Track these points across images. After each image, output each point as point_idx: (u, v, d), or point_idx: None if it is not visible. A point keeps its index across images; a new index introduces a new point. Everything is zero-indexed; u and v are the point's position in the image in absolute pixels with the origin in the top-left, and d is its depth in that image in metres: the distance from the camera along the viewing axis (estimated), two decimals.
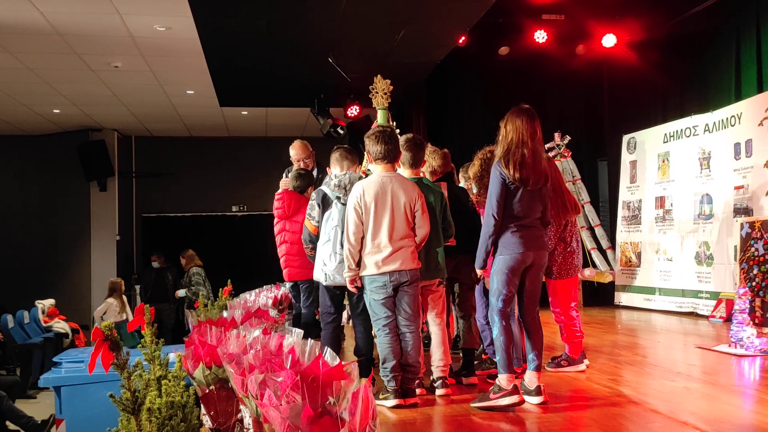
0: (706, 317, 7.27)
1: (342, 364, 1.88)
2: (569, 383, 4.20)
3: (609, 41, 9.05)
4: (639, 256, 8.77)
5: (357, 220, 3.73)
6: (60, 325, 10.49)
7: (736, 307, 5.27)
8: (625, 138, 9.22)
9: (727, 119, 7.44)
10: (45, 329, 10.20)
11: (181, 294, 11.26)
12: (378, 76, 6.18)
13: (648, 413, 3.45)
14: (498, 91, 9.66)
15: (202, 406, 2.68)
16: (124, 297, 11.28)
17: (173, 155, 13.64)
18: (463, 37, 8.74)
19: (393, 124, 6.07)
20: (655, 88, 9.22)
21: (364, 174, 4.74)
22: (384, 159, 3.83)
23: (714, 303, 7.22)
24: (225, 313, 3.69)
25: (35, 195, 12.90)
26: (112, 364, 2.08)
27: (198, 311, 3.93)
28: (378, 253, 3.70)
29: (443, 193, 4.13)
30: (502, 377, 3.55)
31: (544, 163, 3.70)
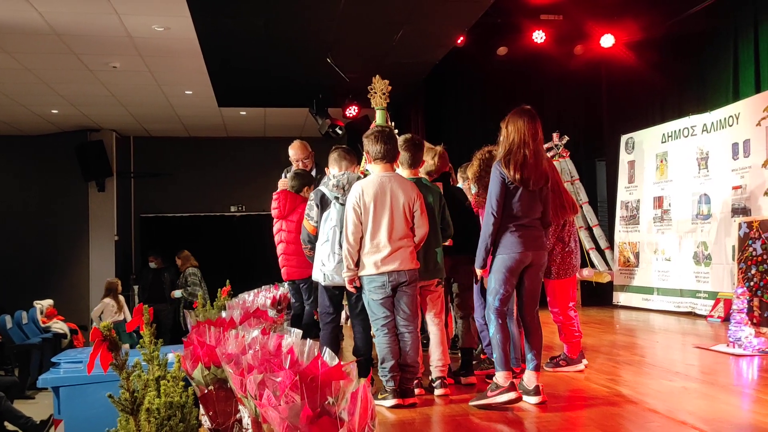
0: (704, 317, 7.27)
1: (341, 364, 1.88)
2: (568, 383, 4.20)
3: (607, 41, 9.06)
4: (637, 256, 8.77)
5: (356, 220, 3.73)
6: (58, 326, 10.48)
7: (734, 307, 5.28)
8: (624, 138, 9.23)
9: (725, 119, 7.45)
10: (43, 330, 10.18)
11: (177, 295, 11.24)
12: (376, 76, 6.17)
13: (646, 413, 3.45)
14: (496, 92, 9.67)
15: (200, 406, 2.67)
16: (121, 297, 11.26)
17: (171, 155, 13.63)
18: (462, 38, 8.74)
19: (392, 124, 6.06)
20: (653, 88, 9.23)
21: (362, 174, 4.74)
22: (383, 159, 3.83)
23: (712, 303, 7.23)
24: (224, 314, 3.68)
25: (33, 195, 12.87)
26: (110, 364, 2.07)
27: (197, 311, 3.92)
28: (377, 253, 3.70)
29: (441, 193, 4.13)
30: (498, 375, 3.57)
31: (545, 164, 3.71)
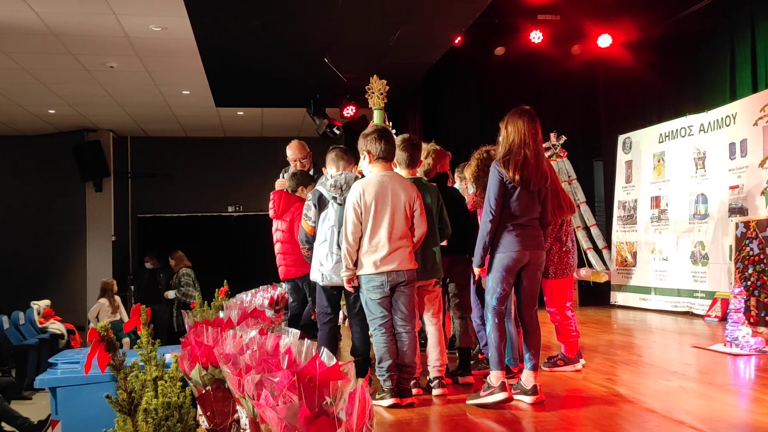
0: (701, 317, 7.28)
1: (339, 364, 1.87)
2: (565, 382, 4.21)
3: (604, 41, 9.08)
4: (634, 255, 8.79)
5: (356, 219, 3.73)
6: (55, 326, 10.47)
7: (731, 307, 5.29)
8: (621, 138, 9.24)
9: (722, 119, 7.46)
10: (40, 330, 10.17)
11: (171, 296, 11.21)
12: (374, 76, 6.18)
13: (644, 412, 3.45)
14: (494, 92, 9.68)
15: (198, 406, 2.67)
16: (116, 297, 11.24)
17: (169, 156, 13.62)
18: (459, 38, 8.75)
19: (389, 124, 6.07)
20: (651, 88, 9.24)
21: (360, 174, 4.74)
22: (384, 158, 3.84)
23: (709, 302, 7.24)
24: (221, 314, 3.68)
25: (30, 195, 12.86)
26: (108, 364, 2.07)
27: (194, 312, 3.92)
28: (376, 253, 3.70)
29: (439, 193, 4.14)
30: (492, 374, 3.58)
31: (545, 164, 3.72)
